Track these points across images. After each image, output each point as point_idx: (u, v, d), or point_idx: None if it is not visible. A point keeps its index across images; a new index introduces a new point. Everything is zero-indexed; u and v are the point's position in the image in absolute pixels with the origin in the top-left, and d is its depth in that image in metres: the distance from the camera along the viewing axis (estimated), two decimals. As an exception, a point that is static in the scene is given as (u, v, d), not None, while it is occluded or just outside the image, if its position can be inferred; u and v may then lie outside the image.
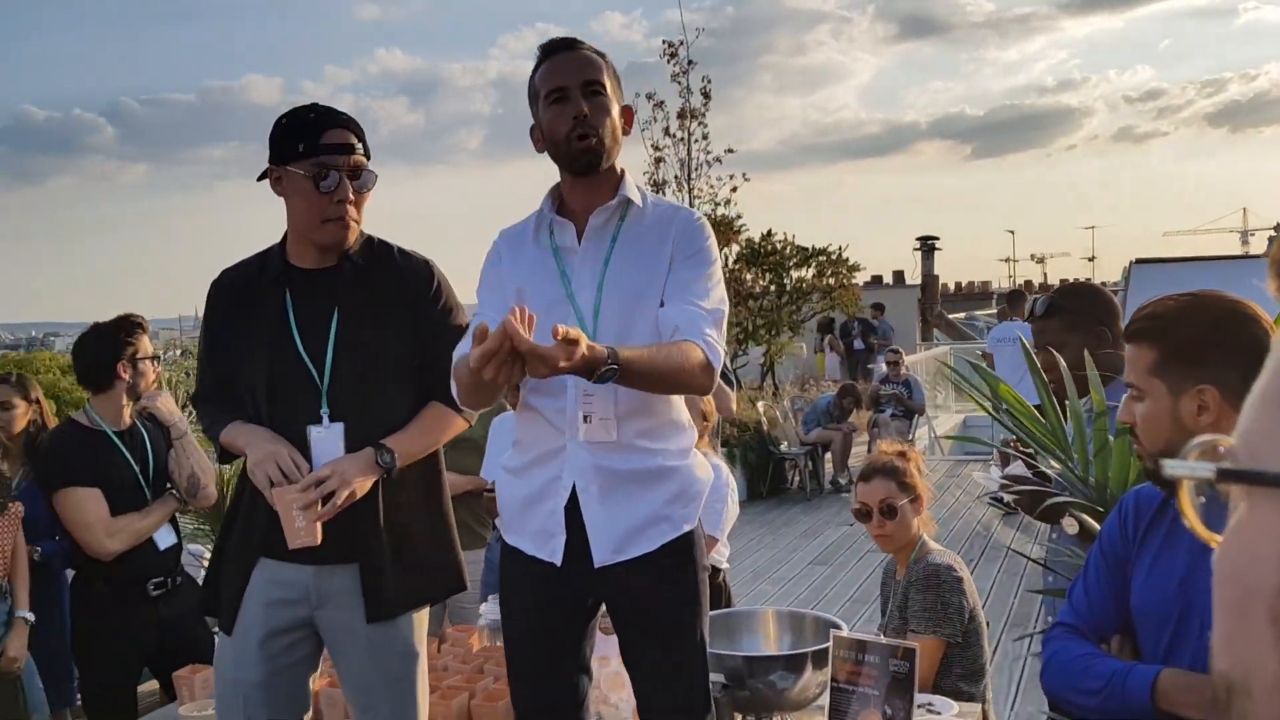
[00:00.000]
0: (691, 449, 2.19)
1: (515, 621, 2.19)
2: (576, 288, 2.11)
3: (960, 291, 41.43)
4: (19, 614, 3.17)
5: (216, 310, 2.41)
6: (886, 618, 3.17)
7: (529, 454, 2.14)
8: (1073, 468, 2.22)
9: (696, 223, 2.17)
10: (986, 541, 8.27)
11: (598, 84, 2.08)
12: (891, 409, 10.85)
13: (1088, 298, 2.72)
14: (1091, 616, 1.82)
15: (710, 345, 2.05)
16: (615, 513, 2.08)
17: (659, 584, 2.09)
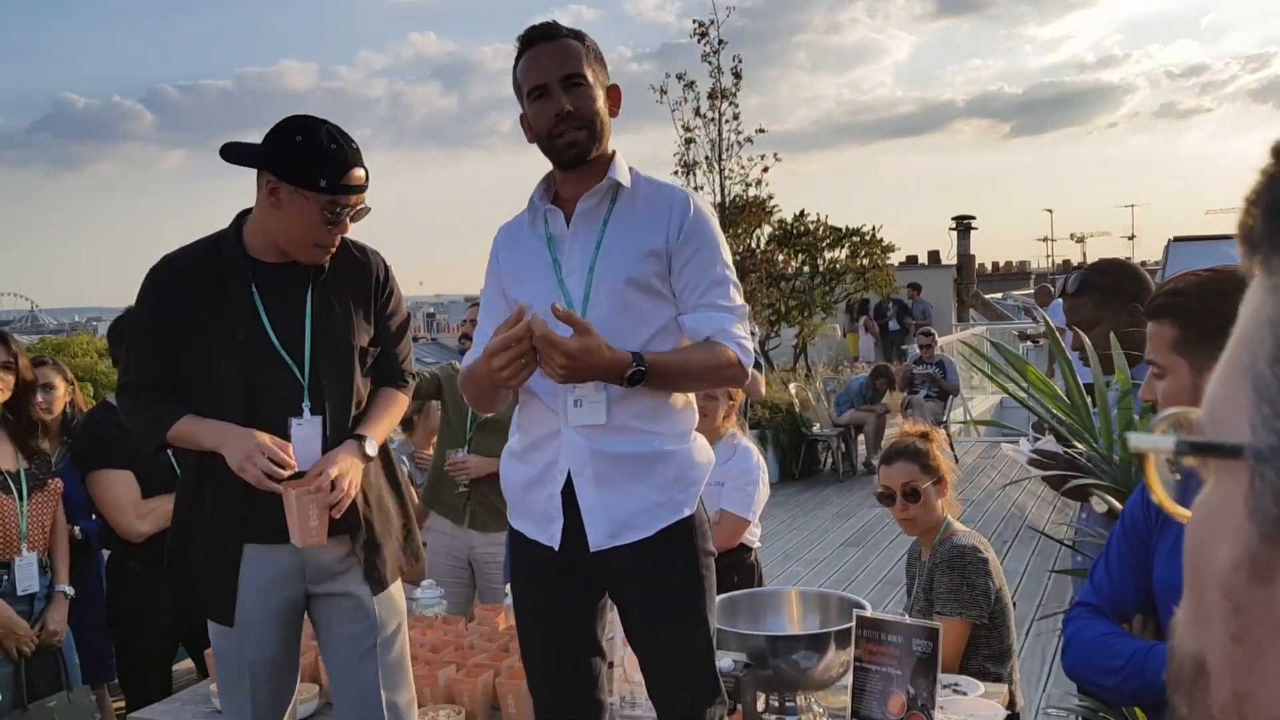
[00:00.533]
0: (691, 431, 2.17)
1: (522, 604, 2.22)
2: (566, 274, 2.10)
3: (998, 272, 41.01)
4: (59, 588, 3.23)
5: (165, 297, 2.31)
6: (912, 599, 3.16)
7: (528, 437, 2.16)
8: (1097, 448, 2.19)
9: (696, 209, 2.12)
10: (1021, 523, 8.21)
11: (577, 76, 2.06)
12: (925, 390, 10.77)
13: (1120, 274, 2.67)
14: (1113, 596, 1.80)
15: (742, 346, 2.07)
16: (611, 498, 2.07)
17: (658, 569, 2.08)
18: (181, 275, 2.32)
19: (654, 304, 2.09)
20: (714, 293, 2.08)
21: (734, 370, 2.08)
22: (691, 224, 2.08)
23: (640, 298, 2.07)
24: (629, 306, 2.06)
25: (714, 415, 3.40)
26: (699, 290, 2.08)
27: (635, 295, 2.07)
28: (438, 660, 2.78)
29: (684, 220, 2.08)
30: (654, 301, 2.09)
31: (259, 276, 2.32)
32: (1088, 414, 2.22)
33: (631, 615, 2.13)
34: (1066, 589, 6.47)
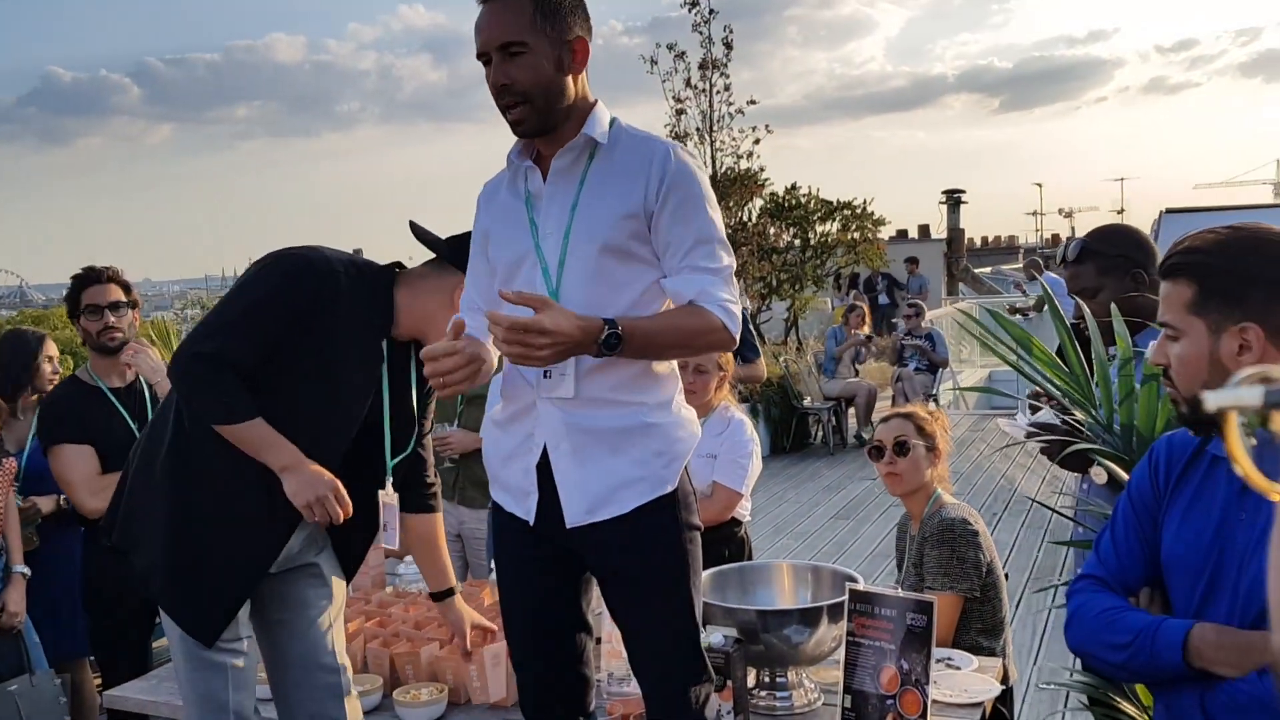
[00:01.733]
0: (673, 401, 2.06)
1: (503, 576, 2.15)
2: (543, 237, 2.00)
3: (987, 246, 41.01)
4: (15, 569, 3.17)
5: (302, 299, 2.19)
6: (903, 574, 3.12)
7: (510, 407, 2.07)
8: (1098, 416, 2.13)
9: (677, 162, 1.96)
10: (1010, 495, 8.20)
11: (515, 44, 1.91)
12: (915, 362, 10.73)
13: (1121, 239, 2.60)
14: (1119, 568, 1.74)
15: (726, 309, 1.94)
16: (587, 473, 1.98)
17: (638, 545, 1.99)
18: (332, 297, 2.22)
19: (634, 269, 1.98)
20: (697, 253, 1.95)
21: (718, 335, 1.96)
22: (672, 178, 1.94)
23: (618, 263, 1.96)
24: (606, 272, 1.95)
25: (706, 389, 3.33)
26: (681, 250, 1.95)
27: (612, 261, 1.95)
28: (420, 637, 2.72)
29: (664, 175, 1.94)
30: (634, 267, 1.97)
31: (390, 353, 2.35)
32: (1088, 383, 2.16)
33: (612, 591, 2.05)
34: (1057, 562, 6.46)
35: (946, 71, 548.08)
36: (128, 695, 2.73)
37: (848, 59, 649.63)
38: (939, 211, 23.01)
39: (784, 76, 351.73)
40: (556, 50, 1.95)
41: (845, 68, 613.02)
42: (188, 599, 2.25)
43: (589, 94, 2.03)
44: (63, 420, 3.23)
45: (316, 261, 2.21)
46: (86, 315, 3.27)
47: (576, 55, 1.98)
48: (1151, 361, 1.71)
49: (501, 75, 1.93)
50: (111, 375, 3.32)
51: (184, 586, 2.24)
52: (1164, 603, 1.71)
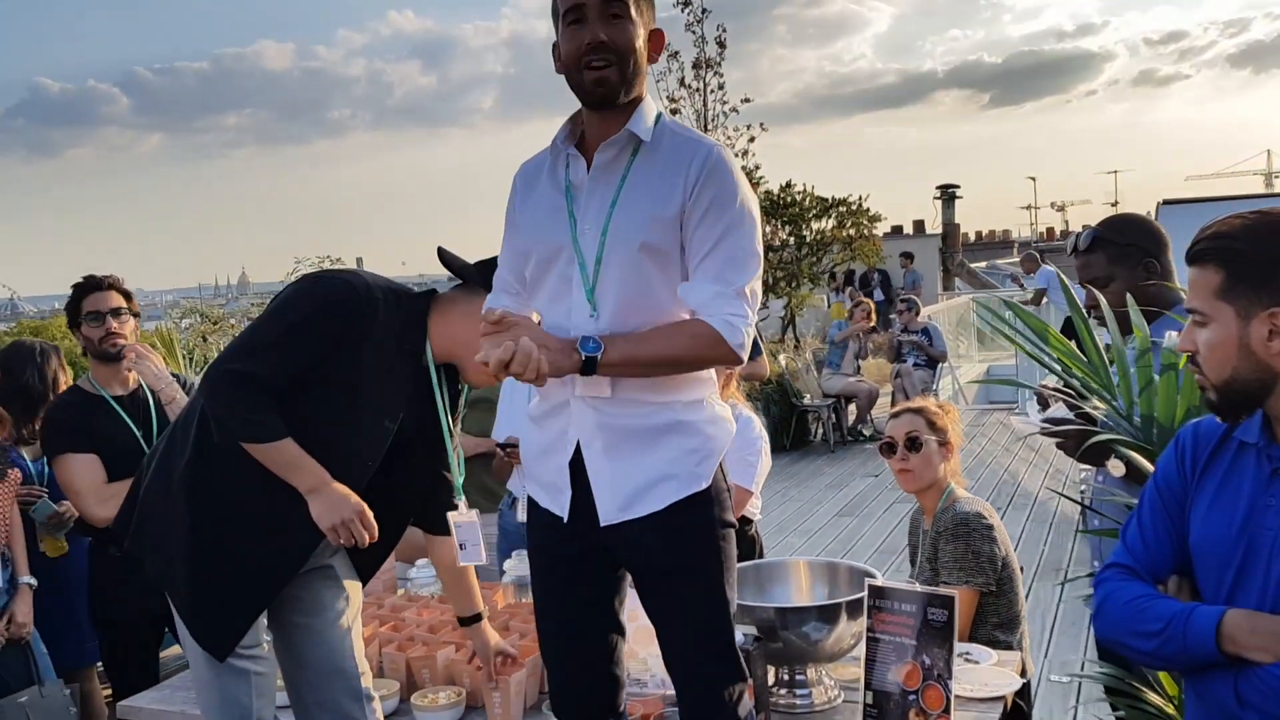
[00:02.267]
0: (706, 399, 2.03)
1: (537, 573, 2.12)
2: (581, 232, 1.96)
3: (981, 240, 41.05)
4: (22, 580, 3.15)
5: (351, 336, 2.19)
6: (917, 569, 3.10)
7: (546, 403, 2.05)
8: (1117, 407, 2.12)
9: (718, 161, 1.92)
10: (1014, 489, 8.19)
11: (619, 3, 1.89)
12: (914, 357, 10.73)
13: (1133, 228, 2.59)
14: (1147, 556, 1.72)
15: (730, 323, 1.88)
16: (621, 470, 1.96)
17: (672, 543, 1.97)
18: (369, 322, 2.20)
19: (672, 271, 1.94)
20: (711, 260, 1.90)
21: (718, 350, 1.89)
22: (707, 178, 1.90)
23: (655, 264, 1.92)
24: (643, 273, 1.92)
25: (727, 384, 3.32)
26: (700, 253, 1.91)
27: (650, 262, 1.92)
28: (436, 640, 2.70)
29: (700, 174, 1.90)
30: (672, 268, 1.94)
31: (417, 376, 2.32)
32: (1107, 373, 2.15)
33: (647, 588, 2.03)
34: (1063, 555, 6.45)
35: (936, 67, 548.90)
36: (141, 705, 2.71)
37: (837, 57, 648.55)
38: (933, 207, 22.99)
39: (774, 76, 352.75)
40: (645, 31, 1.95)
41: (835, 66, 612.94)
42: (207, 614, 2.23)
43: (644, 89, 2.01)
44: (66, 430, 3.20)
45: (359, 287, 2.20)
46: (88, 322, 3.25)
47: (654, 44, 1.99)
48: (1179, 348, 1.69)
49: (601, 31, 1.89)
50: (113, 383, 3.29)
51: (204, 602, 2.23)
52: (1192, 590, 1.70)
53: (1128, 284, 2.43)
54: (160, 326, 6.24)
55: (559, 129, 2.03)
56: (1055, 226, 48.84)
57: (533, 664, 2.56)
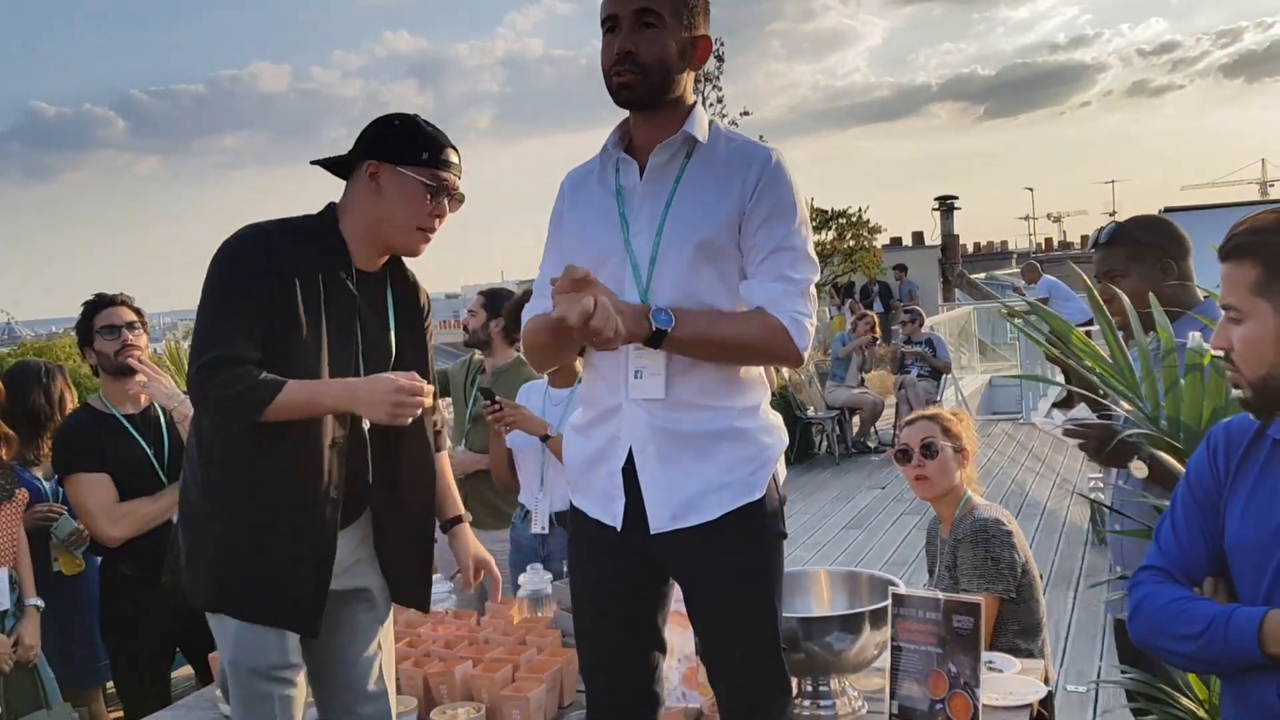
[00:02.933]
0: (761, 406, 2.01)
1: (581, 587, 2.09)
2: (634, 234, 1.95)
3: (980, 251, 41.09)
4: (29, 602, 3.12)
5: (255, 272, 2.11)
6: (935, 578, 3.07)
7: (591, 411, 2.03)
8: (1143, 407, 2.10)
9: (776, 166, 1.93)
10: (1022, 499, 8.16)
11: (651, 13, 1.89)
12: (917, 369, 10.70)
13: (1156, 227, 2.57)
14: (1181, 558, 1.70)
15: (796, 320, 1.89)
16: (674, 477, 1.93)
17: (723, 553, 1.93)
18: (277, 253, 2.13)
19: (727, 271, 1.94)
20: (776, 259, 1.91)
21: (783, 346, 1.89)
22: (768, 182, 1.91)
23: (711, 264, 1.92)
24: (698, 273, 1.91)
25: None
26: (762, 255, 1.91)
27: (705, 261, 1.91)
28: (453, 656, 2.67)
29: (760, 177, 1.91)
30: (727, 268, 1.93)
31: (361, 286, 2.24)
32: (1131, 374, 2.12)
33: (696, 598, 1.99)
34: (1074, 565, 6.42)
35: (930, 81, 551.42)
36: (155, 726, 2.67)
37: (831, 71, 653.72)
38: (932, 218, 23.01)
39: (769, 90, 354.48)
40: (684, 39, 1.94)
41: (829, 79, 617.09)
42: (279, 601, 2.16)
43: (691, 93, 2.01)
44: (77, 448, 3.18)
45: (247, 230, 2.17)
46: (103, 336, 3.22)
47: (698, 51, 1.98)
48: (1213, 345, 1.67)
49: (628, 42, 1.89)
50: (125, 402, 3.27)
51: (266, 597, 2.16)
52: (1229, 591, 1.67)
53: (1144, 282, 2.42)
54: (170, 345, 6.20)
55: (610, 134, 2.03)
56: (1054, 238, 48.92)
57: (552, 679, 2.53)
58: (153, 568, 3.16)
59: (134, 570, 3.16)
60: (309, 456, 2.13)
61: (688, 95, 2.00)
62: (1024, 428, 11.48)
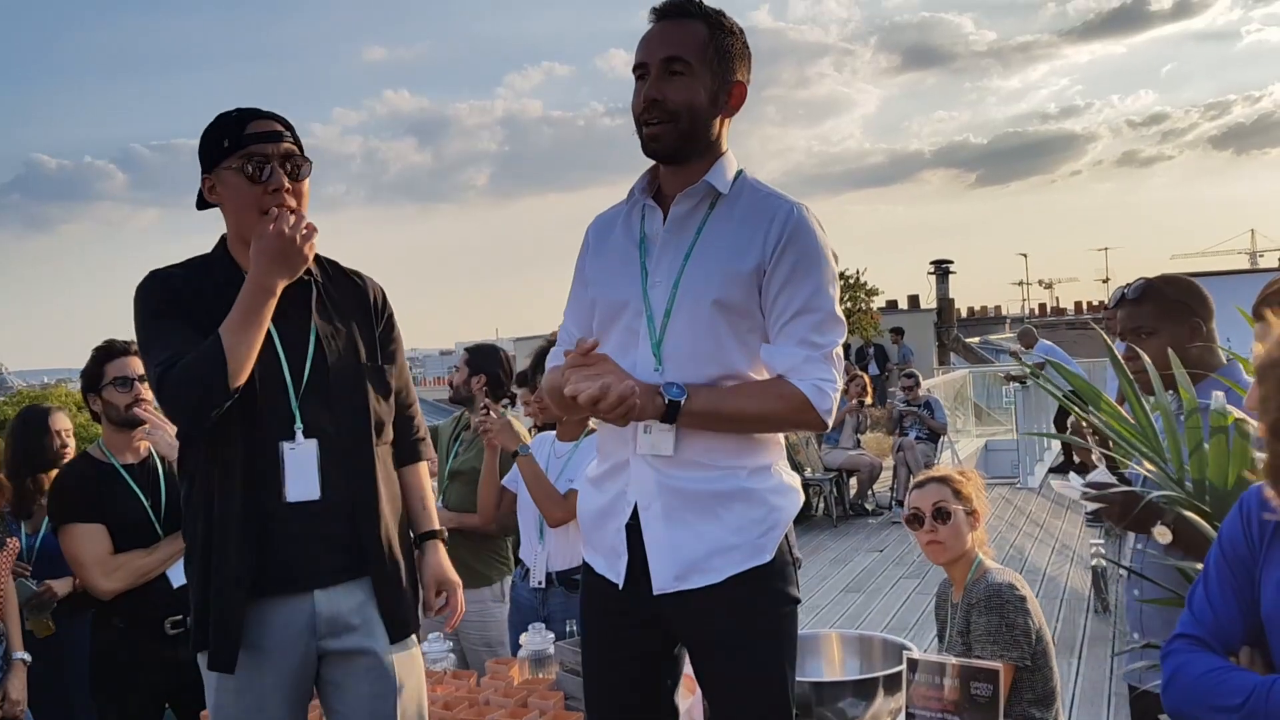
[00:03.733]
0: (774, 466, 1.96)
1: (590, 647, 2.03)
2: (652, 284, 1.91)
3: (974, 316, 41.29)
4: (16, 656, 3.03)
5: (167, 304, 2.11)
6: (947, 643, 3.01)
7: (605, 464, 1.99)
8: (1167, 469, 2.05)
9: (799, 222, 1.87)
10: (1021, 564, 8.07)
11: (680, 61, 1.86)
12: (915, 431, 10.66)
13: (1186, 286, 2.53)
14: (1216, 626, 1.64)
15: (819, 388, 1.83)
16: (678, 537, 1.87)
17: (731, 618, 1.87)
18: (176, 289, 2.13)
19: (744, 327, 1.89)
20: (800, 322, 1.85)
21: (805, 415, 1.84)
22: (790, 239, 1.85)
23: (727, 320, 1.87)
24: (714, 328, 1.86)
25: None
26: (785, 316, 1.86)
27: (721, 318, 1.86)
28: (451, 718, 2.59)
29: (782, 233, 1.86)
30: (744, 324, 1.88)
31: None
32: (1155, 435, 2.08)
33: (703, 664, 1.93)
34: (1076, 632, 6.32)
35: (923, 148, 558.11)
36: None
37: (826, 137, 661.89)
38: (927, 282, 23.16)
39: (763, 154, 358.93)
40: (716, 85, 1.90)
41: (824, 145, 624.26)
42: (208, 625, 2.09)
43: (725, 141, 1.97)
44: (73, 499, 3.11)
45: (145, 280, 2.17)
46: (115, 386, 3.16)
47: (733, 98, 1.94)
48: (1247, 405, 1.62)
49: (655, 90, 1.87)
50: (125, 452, 3.21)
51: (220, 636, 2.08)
52: (1266, 662, 1.62)
53: (1171, 340, 2.37)
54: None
55: (637, 179, 2.00)
56: (1046, 303, 49.22)
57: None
58: (146, 621, 3.10)
59: (127, 624, 3.08)
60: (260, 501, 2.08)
61: (722, 142, 1.96)
62: (1021, 492, 11.41)
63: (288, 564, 2.08)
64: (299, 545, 2.10)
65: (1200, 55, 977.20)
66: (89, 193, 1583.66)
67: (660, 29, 1.90)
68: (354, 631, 2.14)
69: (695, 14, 1.90)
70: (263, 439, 2.09)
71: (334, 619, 2.13)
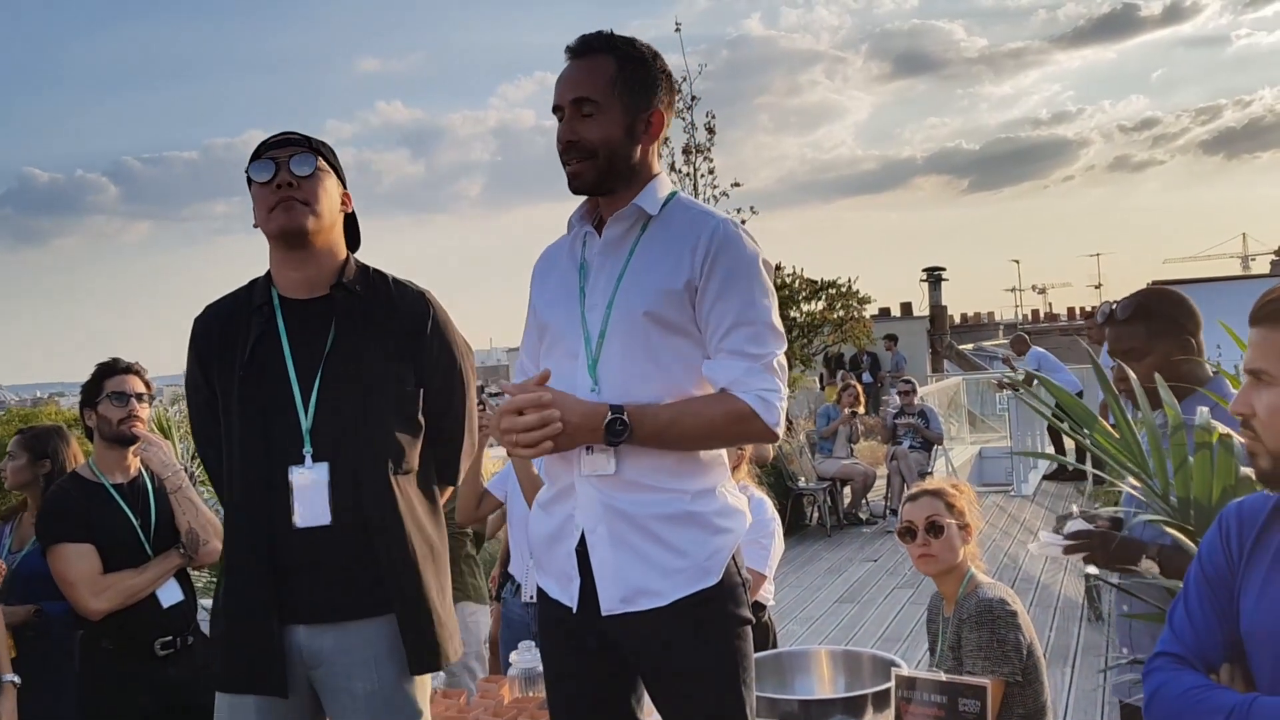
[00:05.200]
0: (718, 489, 1.96)
1: (549, 670, 2.03)
2: (589, 308, 1.94)
3: (967, 322, 41.35)
4: (5, 678, 3.01)
5: (201, 346, 2.26)
6: (938, 658, 3.01)
7: (552, 488, 2.00)
8: (1152, 485, 2.06)
9: (725, 236, 1.89)
10: (1015, 574, 8.07)
11: (588, 101, 1.90)
12: (909, 440, 10.66)
13: (1177, 303, 2.51)
14: (1197, 644, 1.64)
15: (763, 399, 1.85)
16: (624, 559, 1.88)
17: (682, 642, 1.88)
18: (216, 317, 2.27)
19: (678, 345, 1.90)
20: (737, 335, 1.86)
21: (750, 426, 1.86)
22: (717, 253, 1.87)
23: (661, 338, 1.88)
24: (649, 347, 1.88)
25: (738, 466, 3.25)
26: (720, 332, 1.87)
27: (655, 335, 1.88)
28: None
29: (709, 249, 1.87)
30: (678, 343, 1.90)
31: (288, 313, 2.20)
32: (1140, 452, 2.09)
33: (657, 689, 1.93)
34: (1070, 641, 6.32)
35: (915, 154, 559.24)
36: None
37: (818, 144, 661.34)
38: (919, 289, 23.21)
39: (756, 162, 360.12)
40: (630, 117, 1.92)
41: (816, 152, 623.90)
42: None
43: (655, 165, 2.00)
44: (63, 518, 3.10)
45: (196, 320, 2.32)
46: (111, 401, 3.16)
47: (651, 127, 1.96)
48: (1234, 410, 1.62)
49: (569, 131, 1.91)
50: (116, 471, 3.20)
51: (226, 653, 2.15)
52: (1246, 679, 1.62)
53: (1164, 359, 2.36)
54: (159, 413, 6.13)
55: (576, 208, 2.03)
56: (1040, 309, 49.30)
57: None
58: (136, 642, 3.09)
59: (115, 645, 3.07)
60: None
61: (651, 167, 1.98)
62: (1015, 500, 11.42)
63: (293, 591, 2.08)
64: (304, 575, 2.10)
65: (1190, 60, 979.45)
66: (81, 206, 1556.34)
67: (570, 69, 1.94)
68: (340, 670, 2.12)
69: (603, 48, 1.93)
70: (272, 462, 2.11)
71: (319, 654, 2.13)
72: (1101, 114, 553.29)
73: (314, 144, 2.23)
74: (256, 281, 2.27)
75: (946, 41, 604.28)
